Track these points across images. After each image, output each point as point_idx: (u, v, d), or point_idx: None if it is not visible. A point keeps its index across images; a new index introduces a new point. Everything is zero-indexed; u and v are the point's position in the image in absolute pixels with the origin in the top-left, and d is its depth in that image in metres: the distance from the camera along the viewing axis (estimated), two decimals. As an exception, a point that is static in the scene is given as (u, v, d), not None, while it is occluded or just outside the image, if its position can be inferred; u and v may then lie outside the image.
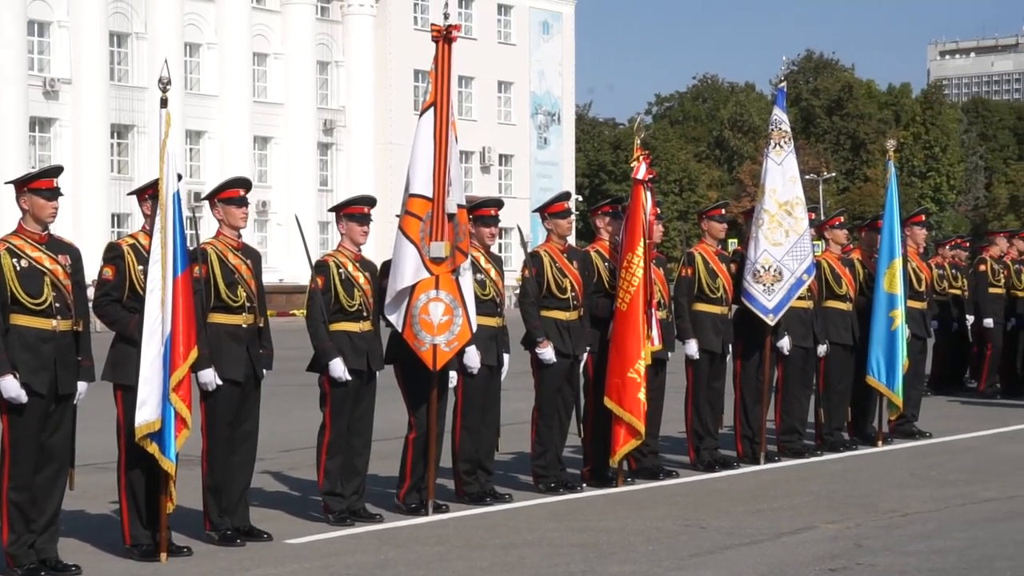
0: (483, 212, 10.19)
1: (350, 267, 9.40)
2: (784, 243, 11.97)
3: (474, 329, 9.65)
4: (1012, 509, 9.83)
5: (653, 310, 10.72)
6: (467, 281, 9.65)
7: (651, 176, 10.86)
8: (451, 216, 9.52)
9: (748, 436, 12.06)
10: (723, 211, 12.29)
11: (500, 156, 66.84)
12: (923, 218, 14.70)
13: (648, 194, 10.78)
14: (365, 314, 9.41)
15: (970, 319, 17.63)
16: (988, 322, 17.47)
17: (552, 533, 9.11)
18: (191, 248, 8.50)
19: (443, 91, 9.50)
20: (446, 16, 9.49)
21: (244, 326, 8.84)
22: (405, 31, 62.01)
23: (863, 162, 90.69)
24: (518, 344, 10.62)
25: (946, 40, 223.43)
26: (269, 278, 49.17)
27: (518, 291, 10.80)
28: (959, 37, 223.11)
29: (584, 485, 10.79)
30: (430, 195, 9.47)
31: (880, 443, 13.09)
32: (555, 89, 68.88)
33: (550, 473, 10.64)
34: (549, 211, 10.83)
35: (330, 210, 10.05)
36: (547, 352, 10.46)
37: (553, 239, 10.78)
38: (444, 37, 9.50)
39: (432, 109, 9.53)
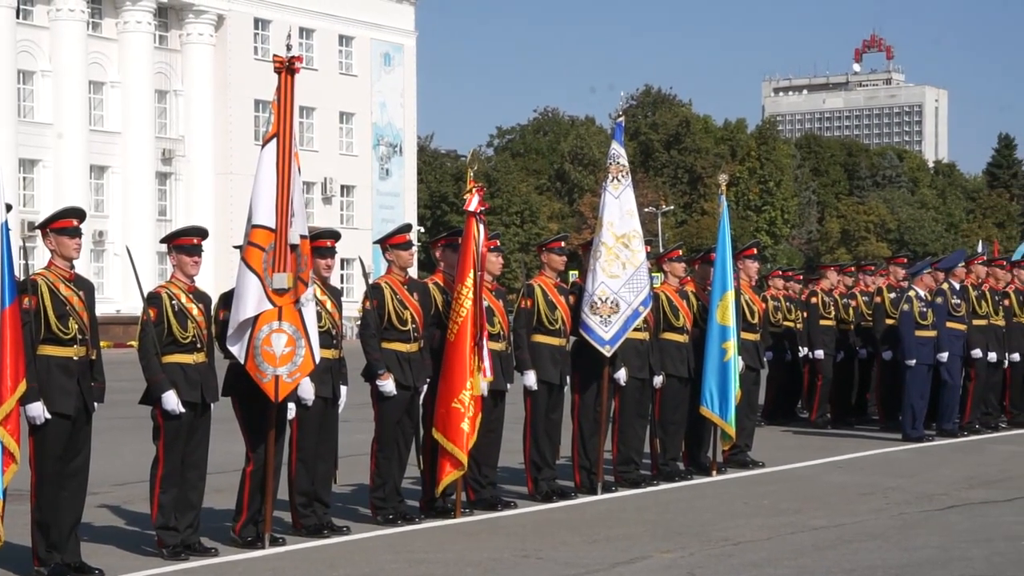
0: (319, 244, 10.15)
1: (183, 298, 9.30)
2: (621, 275, 12.11)
3: (317, 360, 9.61)
4: (840, 536, 10.05)
5: (485, 341, 10.77)
6: (310, 312, 9.61)
7: (483, 208, 10.93)
8: (294, 247, 9.48)
9: (586, 467, 12.17)
10: (562, 243, 12.40)
11: (342, 187, 66.62)
12: (755, 251, 14.99)
13: (481, 226, 10.85)
14: (199, 346, 9.31)
15: (803, 350, 18.02)
16: (819, 354, 17.86)
17: (390, 565, 9.08)
18: (20, 279, 8.33)
19: (286, 122, 9.47)
20: (288, 47, 9.47)
21: (75, 358, 8.68)
22: (245, 60, 61.57)
23: (700, 195, 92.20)
24: (358, 376, 10.60)
25: (780, 77, 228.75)
26: (106, 309, 48.43)
27: (359, 322, 10.78)
28: (792, 75, 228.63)
29: (422, 516, 10.79)
30: (273, 226, 9.42)
31: (714, 472, 13.29)
32: (397, 120, 68.93)
33: (388, 505, 10.62)
34: (390, 243, 10.84)
35: (161, 241, 9.94)
36: (387, 384, 10.45)
37: (394, 271, 10.79)
38: (287, 68, 9.47)
39: (275, 140, 9.49)
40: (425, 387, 10.75)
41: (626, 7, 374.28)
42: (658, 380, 12.70)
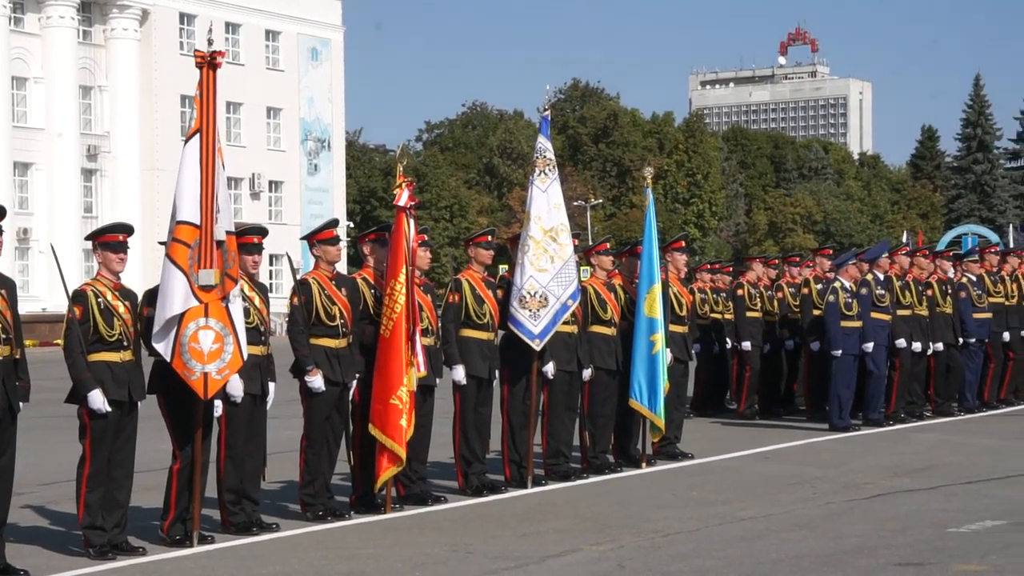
0: (246, 240, 10.10)
1: (109, 296, 9.24)
2: (549, 269, 12.14)
3: (245, 357, 9.56)
4: (768, 527, 10.14)
5: (418, 336, 10.78)
6: (237, 308, 9.56)
7: (413, 203, 10.92)
8: (220, 243, 9.42)
9: (515, 460, 12.19)
10: (489, 238, 12.41)
11: (270, 182, 66.23)
12: (683, 244, 15.07)
13: (411, 221, 10.84)
14: (125, 344, 9.25)
15: (730, 342, 18.15)
16: (746, 345, 18.00)
17: (320, 561, 9.07)
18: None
19: (208, 117, 9.41)
20: (210, 42, 9.41)
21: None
22: (170, 56, 61.03)
23: (629, 189, 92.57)
24: (287, 372, 10.56)
25: (706, 71, 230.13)
26: (32, 307, 47.93)
27: (287, 319, 10.75)
28: (719, 68, 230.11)
29: (352, 512, 10.77)
30: (198, 222, 9.36)
31: (644, 465, 13.36)
32: (325, 115, 68.59)
33: (318, 501, 10.60)
34: (317, 238, 10.81)
35: (86, 238, 9.86)
36: (316, 380, 10.43)
37: (322, 266, 10.77)
38: (208, 63, 9.42)
39: (198, 135, 9.43)
40: (355, 383, 10.74)
41: (554, 1, 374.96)
42: (587, 373, 12.75)
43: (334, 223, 11.06)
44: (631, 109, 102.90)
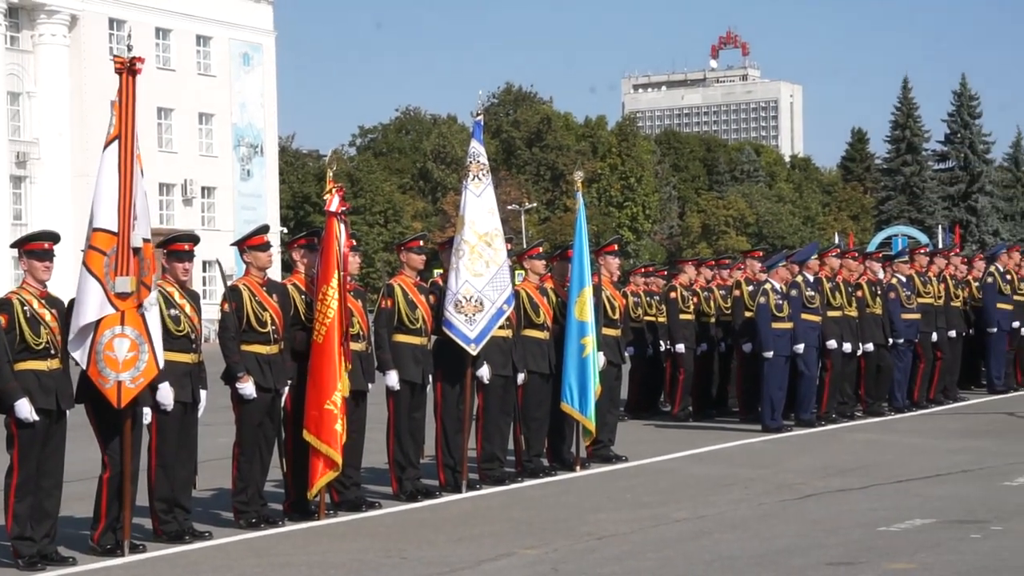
0: (176, 247, 10.05)
1: (35, 304, 9.15)
2: (485, 274, 12.15)
3: (161, 365, 9.49)
4: (701, 528, 10.19)
5: (349, 342, 10.75)
6: (153, 316, 9.49)
7: (344, 208, 10.91)
8: (136, 250, 9.36)
9: (450, 465, 12.18)
10: (421, 242, 12.41)
11: (203, 188, 65.78)
12: (615, 247, 15.12)
13: (342, 226, 10.82)
14: (53, 352, 9.17)
15: (664, 344, 18.23)
16: (680, 347, 18.09)
17: (253, 569, 9.02)
18: None
19: (127, 124, 9.34)
20: (129, 48, 9.36)
21: (-76, 367, 8.48)
22: (100, 61, 60.29)
23: (563, 192, 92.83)
24: (219, 379, 10.50)
25: (639, 74, 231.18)
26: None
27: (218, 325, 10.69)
28: (651, 71, 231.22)
29: (286, 519, 10.72)
30: (115, 229, 9.29)
31: (578, 468, 13.39)
32: (257, 121, 68.24)
33: (251, 508, 10.54)
34: (248, 244, 10.76)
35: (11, 246, 9.76)
36: (247, 387, 10.38)
37: (253, 272, 10.72)
38: (128, 69, 9.36)
39: (116, 142, 9.36)
40: (287, 389, 10.70)
41: (487, 5, 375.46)
42: (520, 377, 12.76)
43: (264, 229, 11.02)
44: (564, 113, 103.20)
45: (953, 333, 19.24)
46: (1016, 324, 20.22)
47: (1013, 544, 9.30)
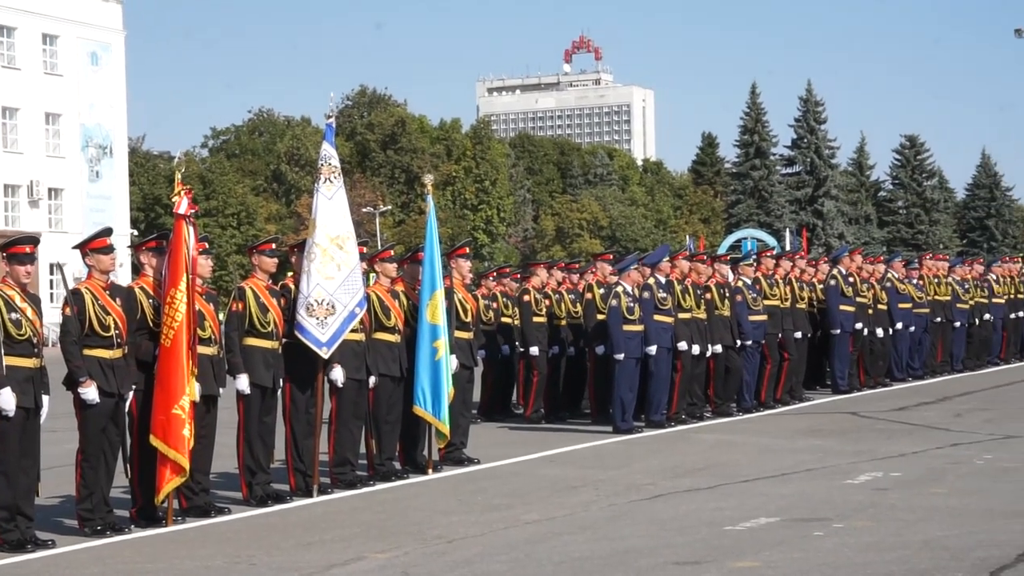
0: (17, 250, 9.85)
1: None
2: (336, 277, 12.09)
3: (2, 371, 9.28)
4: (551, 530, 10.25)
5: (197, 346, 10.62)
6: None
7: (193, 211, 10.78)
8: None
9: (300, 469, 12.11)
10: (273, 245, 12.33)
11: (50, 190, 64.44)
12: (467, 250, 15.16)
13: (191, 228, 10.70)
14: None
15: (518, 347, 18.32)
16: (533, 350, 18.18)
17: (97, 578, 8.87)
18: None
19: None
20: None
21: None
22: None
23: (418, 195, 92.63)
24: (60, 384, 10.30)
25: (493, 78, 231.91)
26: None
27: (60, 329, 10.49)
28: (505, 75, 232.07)
29: (133, 526, 10.56)
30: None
31: (430, 471, 13.39)
32: (106, 121, 67.07)
33: (96, 516, 10.36)
34: (90, 247, 10.59)
35: None
36: (90, 392, 10.20)
37: (95, 275, 10.55)
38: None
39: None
40: (131, 394, 10.53)
41: (340, 6, 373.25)
42: (372, 380, 12.73)
43: (107, 232, 10.84)
44: (419, 116, 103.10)
45: (799, 334, 19.60)
46: (859, 325, 20.70)
47: (855, 541, 9.50)
